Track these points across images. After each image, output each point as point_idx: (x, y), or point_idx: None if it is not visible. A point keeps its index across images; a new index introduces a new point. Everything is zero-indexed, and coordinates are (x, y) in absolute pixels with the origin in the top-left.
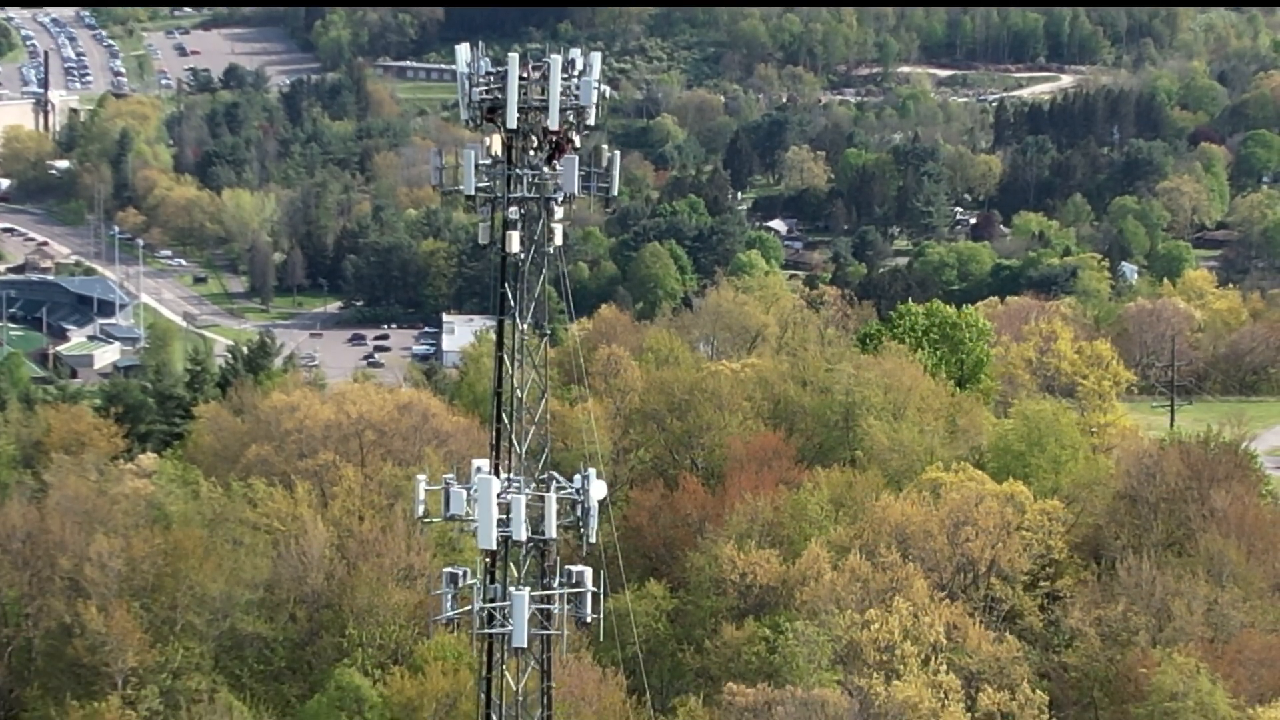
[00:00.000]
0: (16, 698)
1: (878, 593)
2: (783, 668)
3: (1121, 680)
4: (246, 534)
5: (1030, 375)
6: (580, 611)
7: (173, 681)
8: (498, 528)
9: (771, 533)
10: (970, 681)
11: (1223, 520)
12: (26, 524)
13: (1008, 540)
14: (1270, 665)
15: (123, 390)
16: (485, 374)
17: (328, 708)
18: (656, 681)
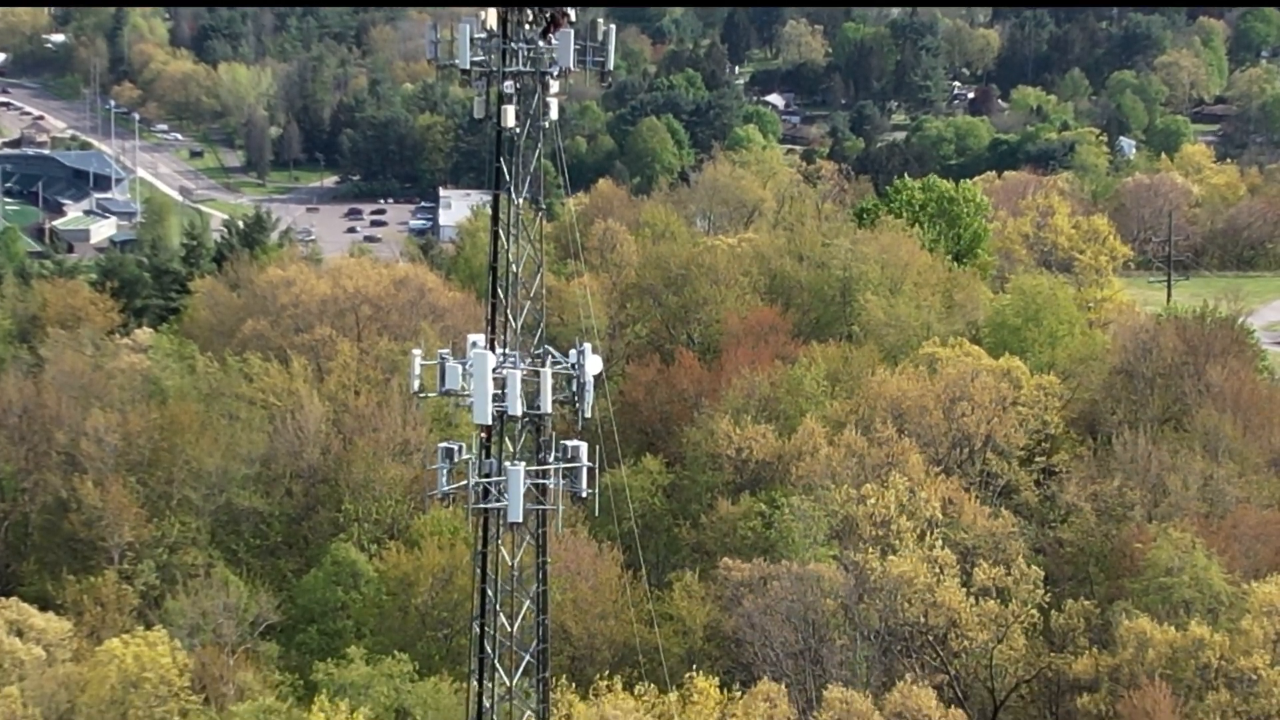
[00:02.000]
0: (13, 572)
1: (873, 468)
2: (778, 542)
3: (1117, 555)
4: (242, 409)
5: (1027, 250)
6: (576, 486)
7: (169, 556)
8: (493, 403)
9: (767, 408)
10: (966, 556)
11: (1219, 395)
12: (23, 399)
13: (1004, 415)
14: (1266, 540)
15: (119, 265)
16: (481, 249)
17: (324, 582)
18: (652, 556)
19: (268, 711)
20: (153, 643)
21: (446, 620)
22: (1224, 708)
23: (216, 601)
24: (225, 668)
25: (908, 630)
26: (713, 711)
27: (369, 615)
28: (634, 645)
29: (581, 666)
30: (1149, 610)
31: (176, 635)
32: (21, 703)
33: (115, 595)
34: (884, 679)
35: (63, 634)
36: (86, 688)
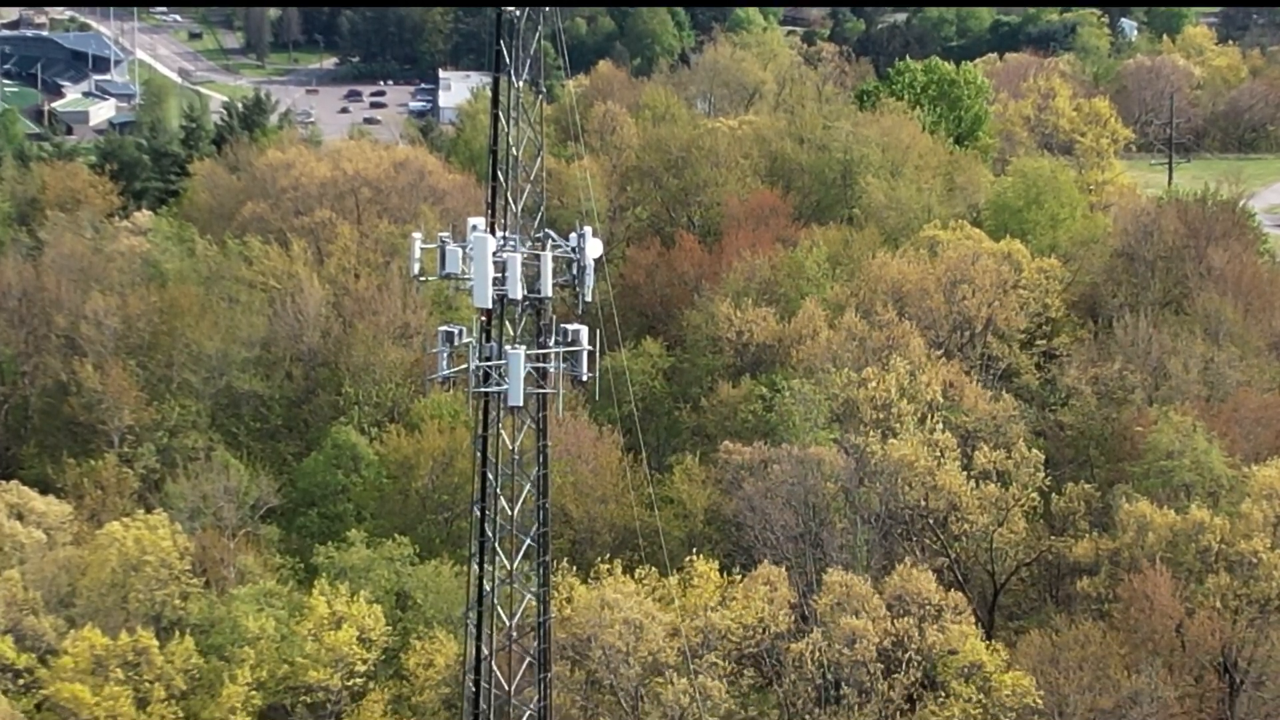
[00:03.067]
0: (13, 456)
1: (874, 351)
2: (779, 426)
3: (1117, 439)
4: (242, 292)
5: (1028, 133)
6: (576, 370)
7: (169, 439)
8: (493, 286)
9: (768, 291)
10: (966, 439)
11: (1220, 278)
12: (22, 282)
13: (1004, 298)
14: (1266, 424)
15: (118, 147)
16: (482, 131)
17: (324, 465)
18: (653, 439)
19: (268, 594)
20: (153, 526)
21: (447, 504)
22: (1224, 591)
23: (217, 485)
24: (226, 551)
25: (908, 513)
26: (713, 594)
27: (369, 498)
28: (634, 528)
29: (582, 550)
30: (1149, 494)
31: (177, 518)
32: (22, 586)
33: (115, 478)
34: (884, 562)
35: (63, 517)
36: (87, 571)
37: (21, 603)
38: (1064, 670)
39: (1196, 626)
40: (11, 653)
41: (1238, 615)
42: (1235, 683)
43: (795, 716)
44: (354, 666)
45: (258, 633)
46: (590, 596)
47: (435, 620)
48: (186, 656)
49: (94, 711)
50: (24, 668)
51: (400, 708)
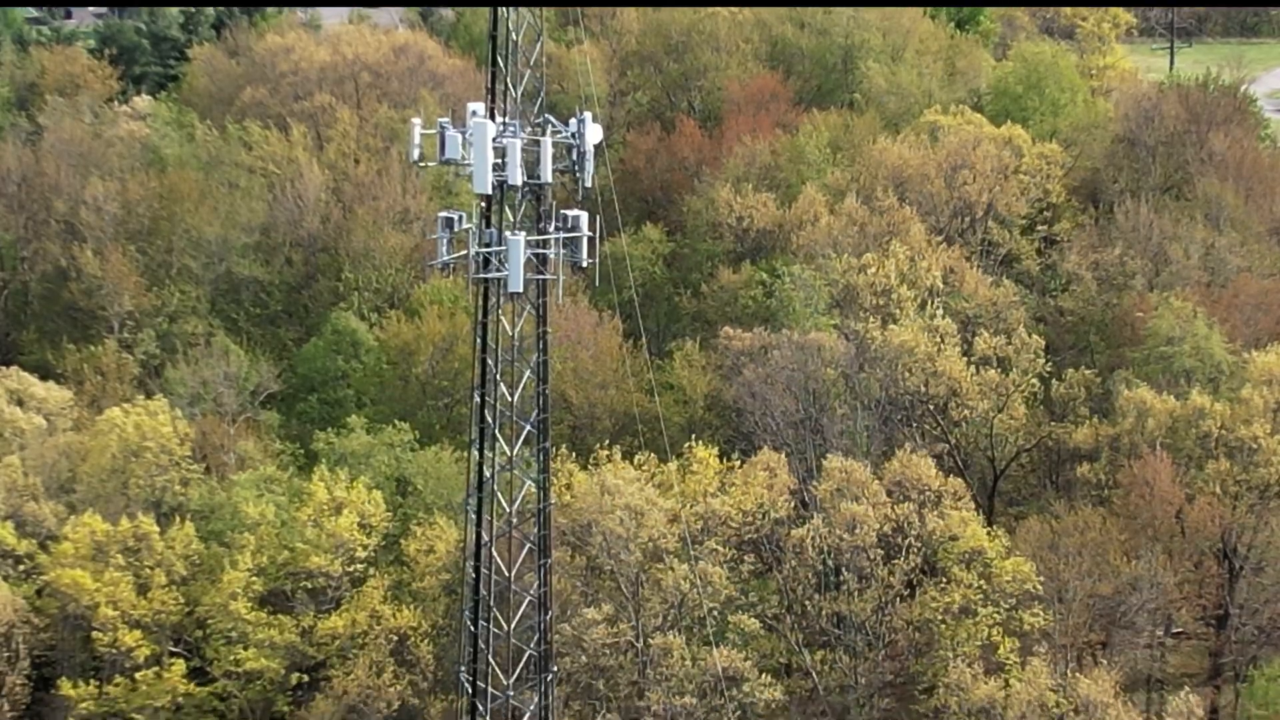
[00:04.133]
0: (13, 341)
1: (875, 236)
2: (779, 311)
3: (1118, 324)
4: (242, 177)
5: (1029, 17)
6: (576, 256)
7: (169, 325)
8: (493, 172)
9: (768, 176)
10: (967, 325)
11: (1221, 164)
12: (21, 167)
13: (1005, 184)
14: (1266, 309)
15: (117, 31)
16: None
17: (324, 351)
18: (653, 325)
19: (268, 480)
20: (153, 412)
21: (447, 389)
22: (1224, 477)
23: (217, 370)
24: (226, 437)
25: (908, 399)
26: (712, 480)
27: (369, 384)
28: (634, 414)
29: (582, 436)
30: (1149, 379)
31: (177, 404)
32: (22, 472)
33: (115, 364)
34: (884, 448)
35: (63, 403)
36: (87, 457)
37: (22, 488)
38: (1064, 556)
39: (1196, 512)
40: (12, 539)
41: (1237, 501)
42: (1234, 568)
43: (795, 602)
44: (354, 552)
45: (258, 518)
46: (590, 482)
47: (435, 506)
48: (187, 542)
49: (94, 597)
50: (24, 554)
51: (400, 593)
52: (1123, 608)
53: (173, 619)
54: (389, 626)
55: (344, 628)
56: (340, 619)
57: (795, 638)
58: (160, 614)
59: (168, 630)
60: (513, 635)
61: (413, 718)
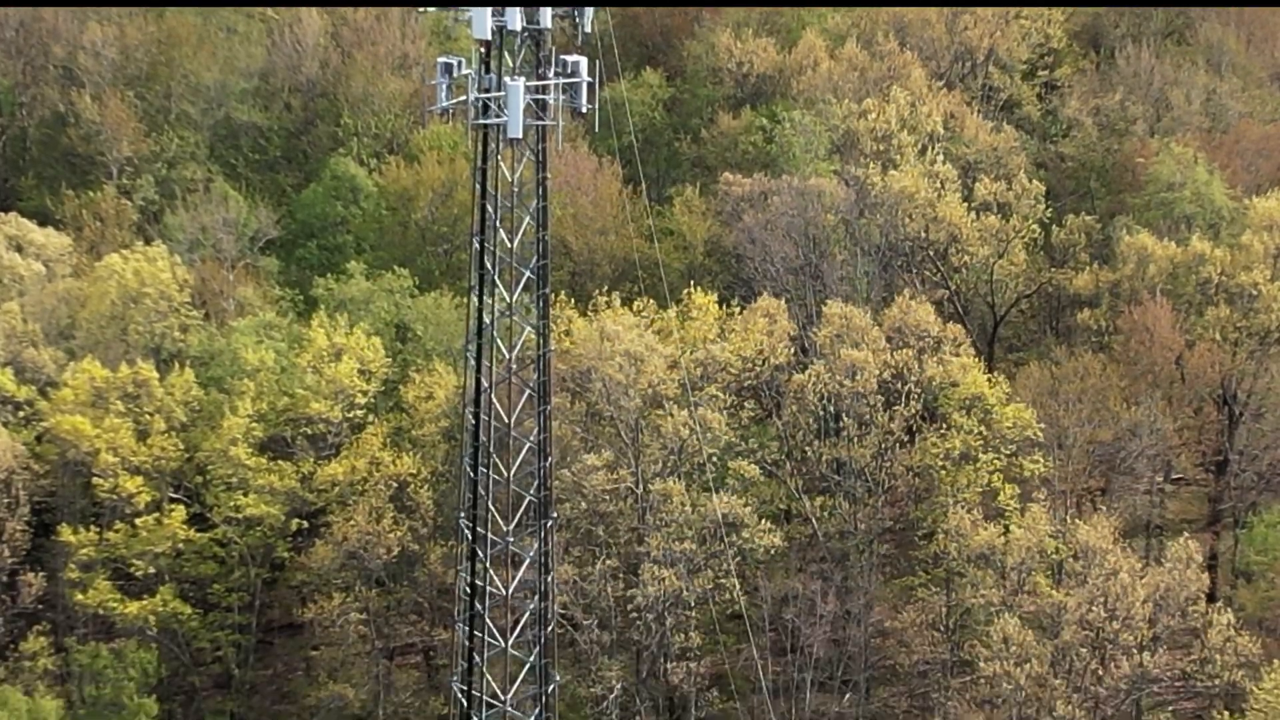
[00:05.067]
0: (11, 187)
1: (875, 82)
2: (779, 157)
3: (1118, 170)
4: (240, 22)
5: None
6: (576, 101)
7: (168, 171)
8: (492, 17)
9: (769, 21)
10: (967, 171)
11: (1223, 9)
12: (19, 12)
13: (1006, 29)
14: (1267, 155)
15: None
16: None
17: (323, 197)
18: (652, 171)
19: (268, 326)
20: (152, 258)
21: (446, 235)
22: (1224, 323)
23: (216, 216)
24: (225, 283)
25: (908, 245)
26: (712, 326)
27: (369, 230)
28: (634, 260)
29: (581, 282)
30: (1150, 225)
31: (176, 250)
32: (22, 318)
33: (114, 210)
34: (884, 294)
35: (62, 249)
36: (86, 303)
37: (21, 335)
38: (1063, 402)
39: (1196, 358)
40: (11, 385)
41: (1237, 347)
42: (1234, 414)
43: (795, 448)
44: (354, 399)
45: (257, 365)
46: (590, 329)
47: (435, 353)
48: (186, 389)
49: (94, 443)
50: (24, 400)
51: (400, 440)
52: (1122, 454)
53: (173, 465)
54: (388, 473)
55: (344, 474)
56: (340, 465)
57: (795, 484)
58: (160, 460)
59: (168, 476)
60: (512, 481)
61: (412, 563)
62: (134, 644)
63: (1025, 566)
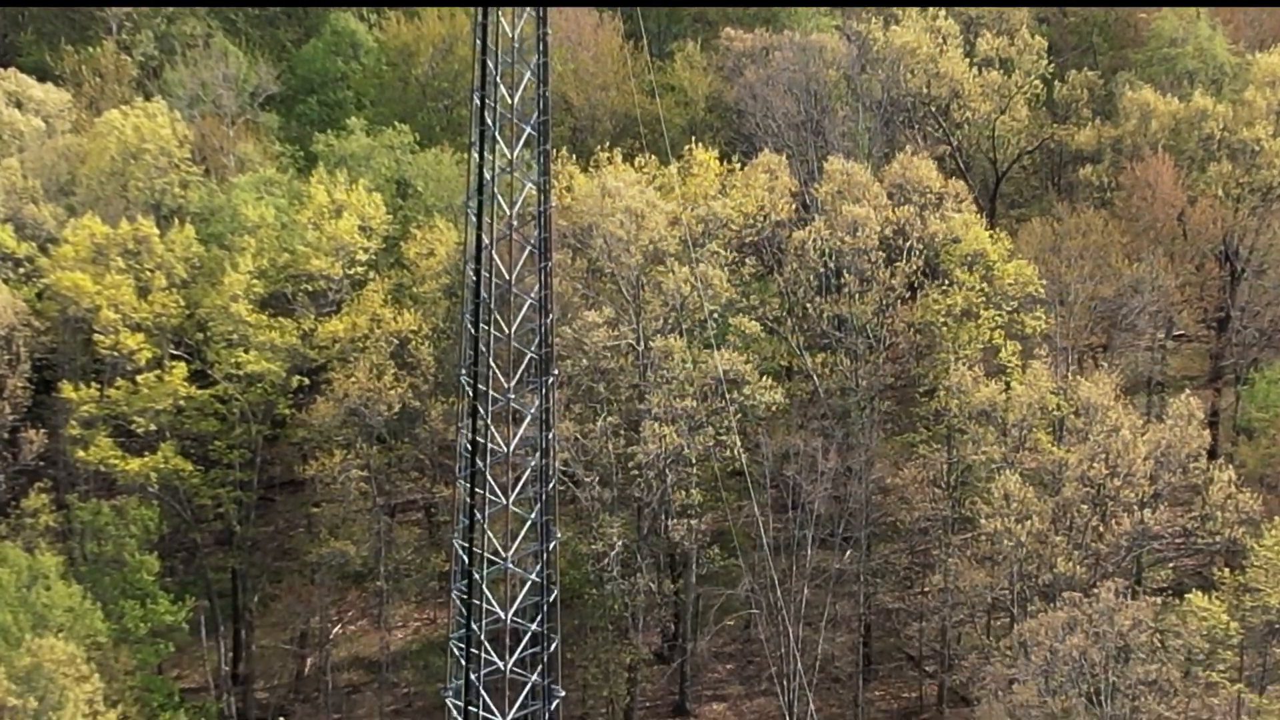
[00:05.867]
0: (11, 43)
1: None
2: (781, 12)
3: (1121, 25)
4: None
5: None
6: None
7: (167, 26)
8: None
9: None
10: (969, 26)
11: None
12: None
13: None
14: (1270, 11)
15: None
16: None
17: (323, 52)
18: (654, 26)
19: (268, 182)
20: (152, 114)
21: (447, 91)
22: (1226, 179)
23: (216, 72)
24: (225, 139)
25: (910, 101)
26: (713, 183)
27: (369, 86)
28: (635, 116)
29: (582, 138)
30: (1152, 81)
31: (176, 106)
32: (21, 174)
33: (114, 65)
34: (885, 150)
35: (62, 105)
36: (86, 159)
37: (21, 191)
38: (1065, 259)
39: (1198, 214)
40: (12, 241)
41: (1239, 203)
42: (1236, 271)
43: (796, 305)
44: (354, 255)
45: (258, 221)
46: (591, 185)
47: (435, 209)
48: (187, 245)
49: (95, 300)
50: (24, 256)
51: (401, 296)
52: (1124, 310)
53: (173, 321)
54: (389, 329)
55: (344, 331)
56: (341, 322)
57: (796, 340)
58: (161, 316)
59: (168, 333)
60: (513, 338)
61: (413, 420)
62: (135, 501)
63: (1026, 423)
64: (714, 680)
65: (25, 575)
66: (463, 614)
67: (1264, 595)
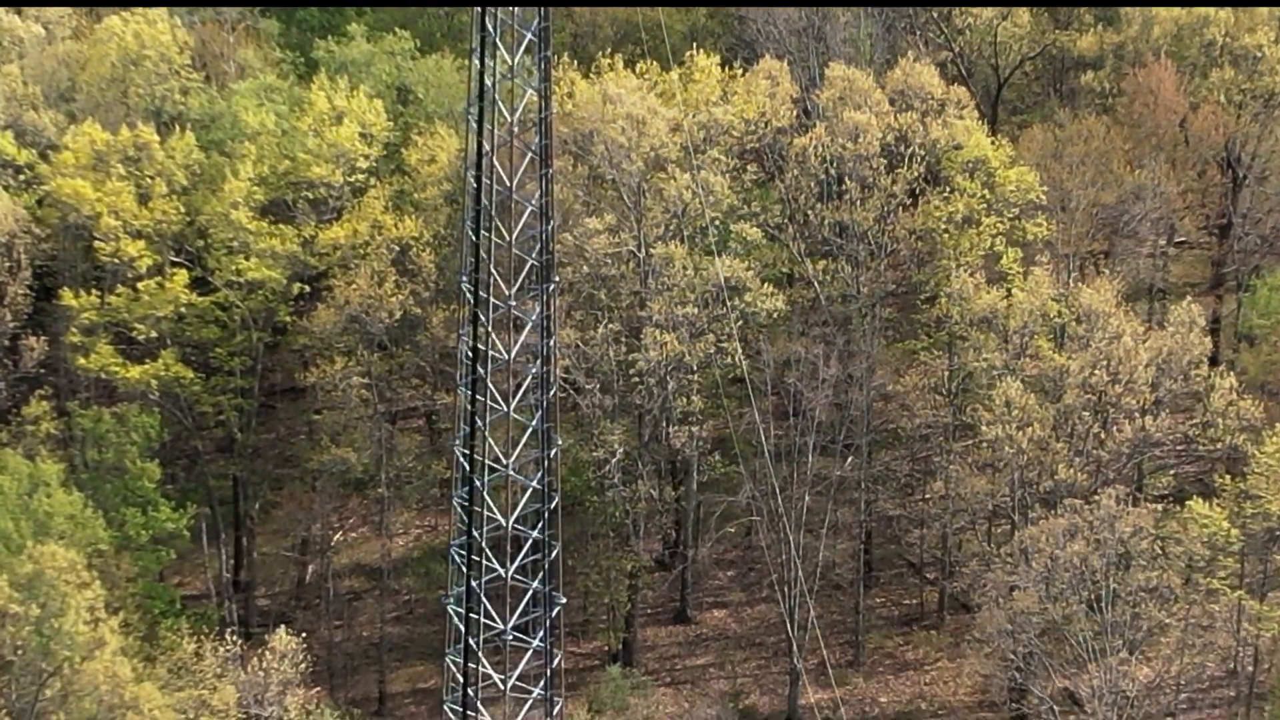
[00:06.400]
0: None
1: None
2: None
3: None
4: None
5: None
6: None
7: None
8: None
9: None
10: None
11: None
12: None
13: None
14: None
15: None
16: None
17: None
18: None
19: (268, 89)
20: (152, 20)
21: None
22: (1228, 85)
23: None
24: (225, 45)
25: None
26: (715, 89)
27: None
28: (636, 22)
29: (583, 44)
30: None
31: (176, 13)
32: (21, 81)
33: None
34: (887, 56)
35: (61, 11)
36: (86, 65)
37: (21, 98)
38: (1067, 165)
39: (1200, 121)
40: (12, 148)
41: (1241, 109)
42: (1238, 177)
43: (797, 211)
44: (355, 162)
45: (258, 128)
46: (592, 91)
47: (436, 115)
48: (187, 152)
49: (95, 207)
50: (25, 164)
51: (402, 203)
52: (1125, 217)
53: (174, 228)
54: (390, 236)
55: (345, 237)
56: (342, 229)
57: (797, 247)
58: (161, 223)
59: (169, 240)
60: (514, 245)
61: (414, 327)
62: (136, 408)
63: (1027, 330)
64: (715, 587)
65: (26, 483)
66: (464, 521)
67: (1265, 502)
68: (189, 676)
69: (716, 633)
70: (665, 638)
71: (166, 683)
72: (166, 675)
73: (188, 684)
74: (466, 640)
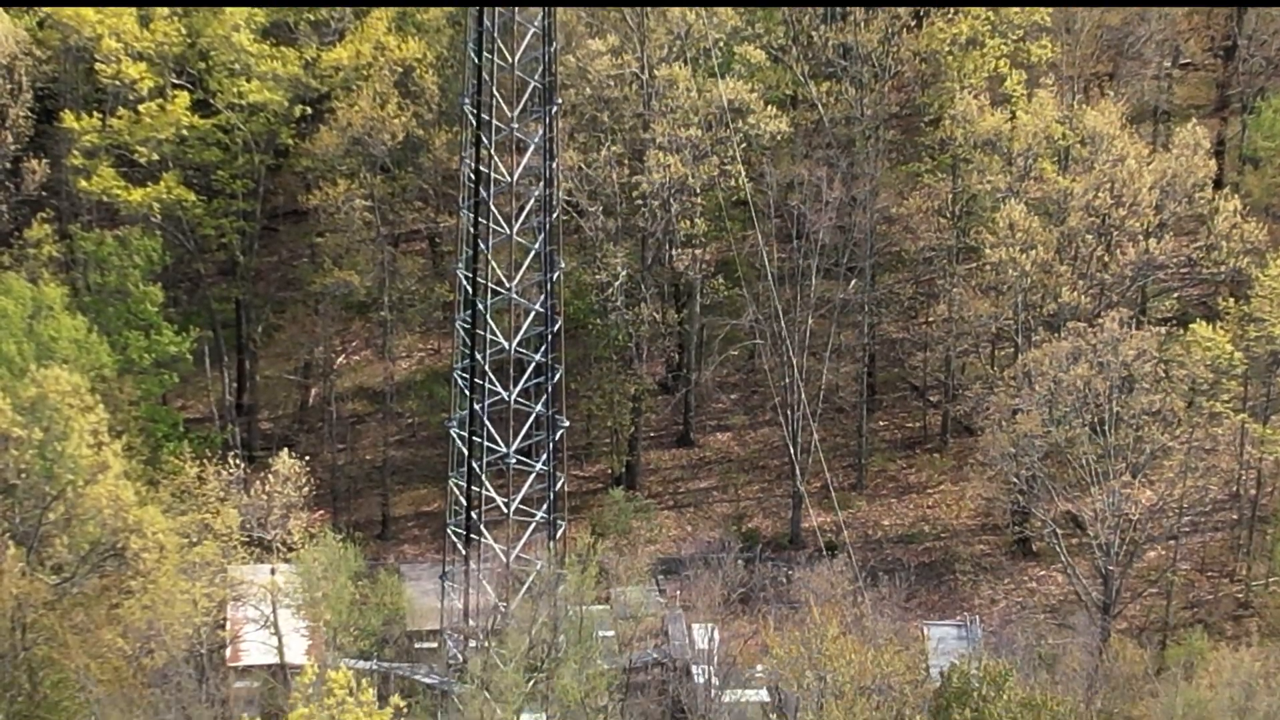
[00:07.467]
0: None
1: None
2: None
3: None
4: None
5: None
6: None
7: None
8: None
9: None
10: None
11: None
12: None
13: None
14: None
15: None
16: None
17: None
18: None
19: None
20: None
21: None
22: None
23: None
24: None
25: None
26: None
27: None
28: None
29: None
30: None
31: None
32: None
33: None
34: None
35: None
36: None
37: None
38: None
39: None
40: None
41: None
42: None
43: (801, 33)
44: None
45: None
46: None
47: None
48: None
49: (96, 29)
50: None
51: (404, 24)
52: (1130, 38)
53: (175, 51)
54: (393, 58)
55: (348, 59)
56: (344, 50)
57: (801, 69)
58: (163, 45)
59: (170, 62)
60: (517, 67)
61: (417, 149)
62: (138, 231)
63: (1032, 152)
64: (718, 410)
65: (30, 306)
66: (466, 344)
67: (1268, 325)
68: (192, 500)
69: (719, 456)
70: (668, 461)
71: (169, 506)
72: (169, 499)
73: (190, 507)
74: (470, 464)
